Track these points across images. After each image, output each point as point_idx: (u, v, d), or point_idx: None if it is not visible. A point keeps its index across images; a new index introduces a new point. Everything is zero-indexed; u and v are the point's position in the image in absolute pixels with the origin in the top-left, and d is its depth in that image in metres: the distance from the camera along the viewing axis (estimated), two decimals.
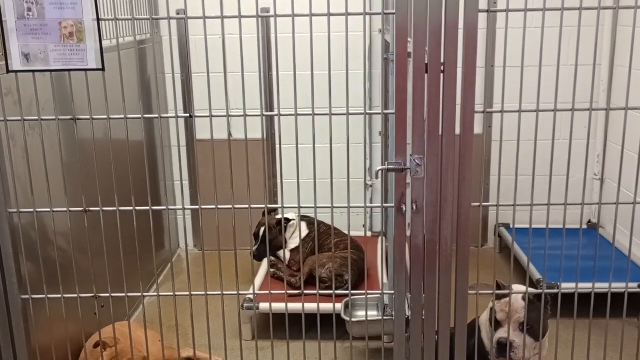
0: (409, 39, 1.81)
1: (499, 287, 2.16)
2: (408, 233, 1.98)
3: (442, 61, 1.79)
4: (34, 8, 1.78)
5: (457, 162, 1.86)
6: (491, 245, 4.37)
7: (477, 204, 1.94)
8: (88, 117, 1.93)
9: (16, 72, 1.85)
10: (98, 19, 1.81)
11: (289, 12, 1.85)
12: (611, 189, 4.01)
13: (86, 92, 1.90)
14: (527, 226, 2.01)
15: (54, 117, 1.95)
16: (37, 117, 1.95)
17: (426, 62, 1.79)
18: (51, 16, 1.79)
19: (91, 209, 2.01)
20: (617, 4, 1.90)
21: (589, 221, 4.23)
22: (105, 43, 1.86)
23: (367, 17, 3.31)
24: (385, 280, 3.27)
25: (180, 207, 2.05)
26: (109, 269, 2.06)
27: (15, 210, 2.02)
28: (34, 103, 1.95)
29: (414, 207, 1.91)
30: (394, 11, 1.78)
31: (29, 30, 1.80)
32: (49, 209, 2.01)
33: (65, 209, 2.01)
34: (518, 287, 2.16)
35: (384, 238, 2.93)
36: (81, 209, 2.01)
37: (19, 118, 1.94)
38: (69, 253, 2.48)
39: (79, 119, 1.94)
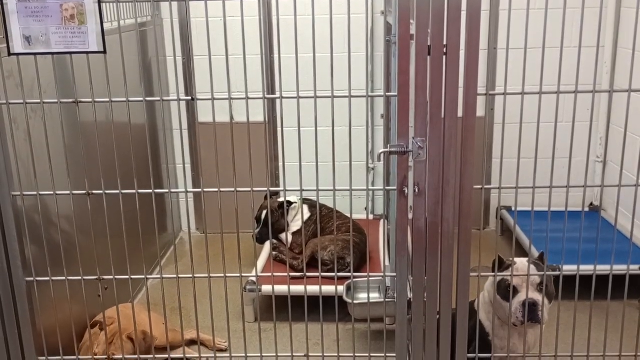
0: (411, 21, 1.80)
1: (501, 262, 2.17)
2: (410, 216, 1.98)
3: (444, 43, 1.78)
4: None
5: (460, 144, 1.86)
6: (493, 228, 4.37)
7: (479, 186, 1.95)
8: (90, 100, 1.93)
9: (17, 54, 1.84)
10: (99, 1, 1.80)
11: None
12: (613, 172, 4.01)
13: (87, 75, 1.89)
14: (529, 209, 2.02)
15: (56, 100, 1.94)
16: (39, 100, 1.95)
17: (429, 44, 1.78)
18: None
19: (94, 192, 2.02)
20: None
21: (591, 204, 4.23)
22: (106, 25, 1.85)
23: None
24: (387, 263, 3.28)
25: (183, 190, 2.06)
26: (112, 251, 2.07)
27: (18, 193, 2.02)
28: (36, 86, 1.95)
29: (416, 190, 1.91)
30: None
31: (30, 12, 1.79)
32: (52, 192, 2.01)
33: (68, 192, 2.02)
34: (520, 260, 2.18)
35: (386, 221, 2.94)
36: (84, 192, 2.01)
37: (21, 101, 1.94)
38: (72, 236, 2.49)
39: (81, 102, 1.94)
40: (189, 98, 1.97)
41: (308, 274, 2.15)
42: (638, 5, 1.82)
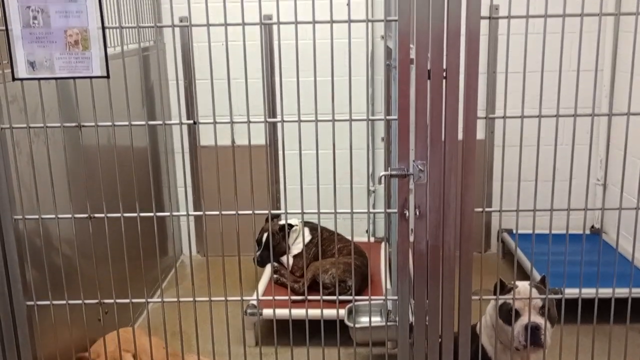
0: (411, 46, 1.82)
1: (502, 285, 2.16)
2: (411, 239, 1.98)
3: (444, 67, 1.79)
4: (39, 16, 1.79)
5: (460, 167, 1.87)
6: (494, 251, 4.36)
7: (480, 209, 1.95)
8: (93, 124, 1.94)
9: (22, 79, 1.86)
10: (103, 27, 1.82)
11: (292, 19, 1.87)
12: (614, 194, 4.01)
13: (90, 99, 1.91)
14: (530, 231, 2.02)
15: (59, 124, 1.96)
16: (42, 124, 1.96)
17: (428, 68, 1.80)
18: (57, 24, 1.80)
19: (96, 215, 2.02)
20: (619, 10, 1.91)
21: (592, 226, 4.22)
22: (109, 50, 1.87)
23: (370, 24, 3.32)
24: (388, 286, 3.27)
25: (184, 213, 2.06)
26: (112, 275, 2.07)
27: (20, 216, 2.03)
28: (39, 110, 1.96)
29: (417, 213, 1.91)
30: (396, 18, 1.79)
31: (35, 38, 1.81)
32: (53, 216, 2.02)
33: (69, 215, 2.02)
34: (522, 283, 2.18)
35: (387, 244, 2.93)
36: (85, 215, 2.02)
37: (25, 125, 1.95)
38: (73, 259, 2.49)
39: (83, 125, 1.96)
40: (191, 121, 1.99)
41: (309, 297, 2.14)
42: (635, 29, 1.84)
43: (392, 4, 2.72)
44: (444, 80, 1.80)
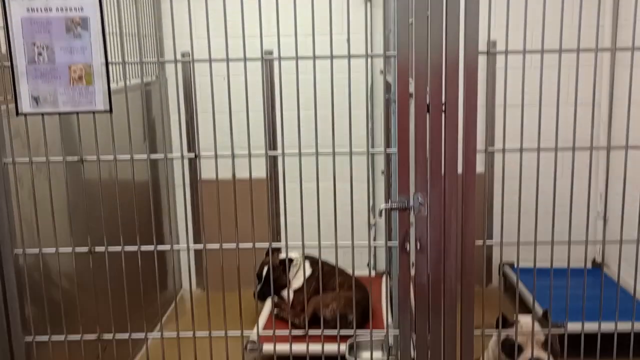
0: (410, 80, 1.84)
1: (504, 319, 2.15)
2: (412, 272, 1.98)
3: (443, 101, 1.81)
4: (44, 53, 1.82)
5: (460, 200, 1.87)
6: (496, 284, 4.33)
7: (481, 242, 1.95)
8: (95, 158, 1.96)
9: (25, 114, 1.88)
10: (107, 63, 1.85)
11: (293, 54, 1.90)
12: (615, 227, 3.99)
13: (93, 133, 1.93)
14: (532, 265, 2.01)
15: (61, 159, 1.97)
16: (44, 159, 1.97)
17: (427, 102, 1.82)
18: (61, 60, 1.83)
19: (96, 248, 2.02)
20: (614, 46, 1.94)
21: (594, 260, 4.20)
22: (112, 85, 1.89)
23: (369, 59, 3.35)
24: (390, 321, 3.24)
25: (185, 246, 2.06)
26: (112, 310, 2.06)
27: (20, 251, 2.03)
28: (42, 144, 1.98)
29: (418, 246, 1.91)
30: (394, 53, 1.82)
31: (39, 74, 1.84)
32: (54, 250, 2.02)
33: (70, 249, 2.02)
34: (524, 317, 2.16)
35: (388, 277, 2.92)
36: (86, 249, 2.01)
37: (27, 160, 1.97)
38: (73, 294, 2.47)
39: (85, 160, 1.97)
40: (192, 155, 2.00)
41: (310, 332, 2.12)
42: (632, 64, 1.87)
43: (390, 40, 2.77)
44: (442, 114, 1.82)
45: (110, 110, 1.88)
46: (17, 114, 1.87)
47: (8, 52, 1.83)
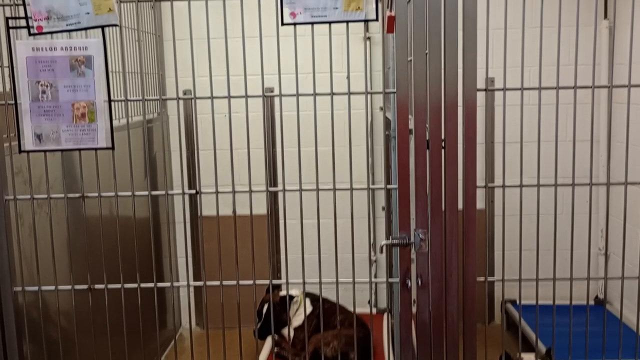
0: (409, 116, 1.86)
1: (507, 357, 2.12)
2: (414, 309, 1.96)
3: (442, 137, 1.83)
4: (48, 91, 1.84)
5: (461, 236, 1.87)
6: (498, 322, 4.29)
7: (482, 278, 1.94)
8: (96, 194, 1.96)
9: (28, 152, 1.89)
10: (110, 100, 1.87)
11: (293, 91, 1.92)
12: (617, 264, 3.98)
13: (94, 169, 1.94)
14: (534, 302, 2.00)
15: (62, 195, 1.97)
16: (46, 196, 1.98)
17: (427, 138, 1.83)
18: (64, 98, 1.85)
19: (96, 286, 2.01)
20: (611, 83, 1.96)
21: (596, 297, 4.17)
22: (114, 122, 1.91)
23: (369, 95, 3.40)
24: (391, 358, 3.20)
25: (185, 283, 2.05)
26: (111, 348, 2.03)
27: (20, 288, 2.01)
28: (43, 181, 1.99)
29: (419, 282, 1.90)
30: (394, 90, 1.84)
31: (43, 111, 1.86)
32: (53, 287, 2.00)
33: (69, 287, 2.01)
34: (527, 356, 2.13)
35: (389, 315, 2.89)
36: (86, 286, 2.00)
37: (29, 196, 1.97)
38: (71, 332, 2.45)
39: (87, 196, 1.97)
40: (194, 191, 2.01)
41: None
42: (628, 101, 1.89)
43: (390, 77, 2.80)
44: (442, 150, 1.83)
45: (112, 147, 1.90)
46: (20, 151, 1.89)
47: (12, 90, 1.85)
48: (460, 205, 1.85)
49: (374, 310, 4.27)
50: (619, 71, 3.59)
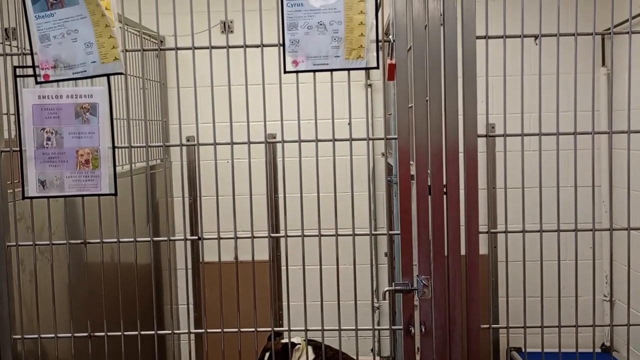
0: (411, 162, 1.87)
1: None
2: (418, 357, 1.93)
3: (444, 183, 1.83)
4: (53, 138, 1.86)
5: (464, 282, 1.86)
6: None
7: (487, 325, 1.91)
8: (98, 240, 1.96)
9: (31, 198, 1.90)
10: (113, 147, 1.89)
11: (296, 137, 1.93)
12: (623, 310, 3.93)
13: (97, 215, 1.94)
14: (540, 350, 1.96)
15: (64, 242, 1.97)
16: (48, 242, 1.97)
17: (429, 184, 1.84)
18: (69, 145, 1.87)
19: (96, 334, 1.98)
20: (610, 129, 1.98)
21: (603, 344, 4.10)
22: (118, 169, 1.92)
23: (370, 142, 3.44)
24: None
25: (186, 331, 2.02)
26: None
27: (19, 336, 1.99)
28: (46, 227, 1.99)
29: (423, 329, 1.87)
30: (395, 136, 1.86)
31: (47, 158, 1.87)
32: (53, 335, 1.98)
33: (69, 335, 1.98)
34: None
35: None
36: (85, 334, 1.98)
37: (31, 243, 1.97)
38: None
39: (89, 242, 1.97)
40: (196, 237, 2.01)
41: None
42: (628, 147, 1.90)
43: (391, 123, 2.83)
44: (444, 196, 1.84)
45: (115, 194, 1.90)
46: (23, 197, 1.89)
47: (18, 137, 1.87)
48: (462, 251, 1.84)
49: (377, 359, 4.19)
50: (618, 117, 3.62)
